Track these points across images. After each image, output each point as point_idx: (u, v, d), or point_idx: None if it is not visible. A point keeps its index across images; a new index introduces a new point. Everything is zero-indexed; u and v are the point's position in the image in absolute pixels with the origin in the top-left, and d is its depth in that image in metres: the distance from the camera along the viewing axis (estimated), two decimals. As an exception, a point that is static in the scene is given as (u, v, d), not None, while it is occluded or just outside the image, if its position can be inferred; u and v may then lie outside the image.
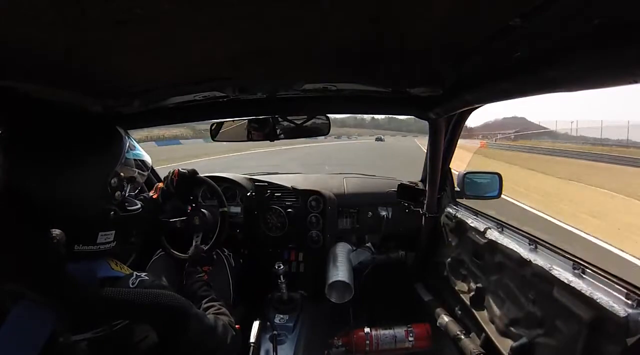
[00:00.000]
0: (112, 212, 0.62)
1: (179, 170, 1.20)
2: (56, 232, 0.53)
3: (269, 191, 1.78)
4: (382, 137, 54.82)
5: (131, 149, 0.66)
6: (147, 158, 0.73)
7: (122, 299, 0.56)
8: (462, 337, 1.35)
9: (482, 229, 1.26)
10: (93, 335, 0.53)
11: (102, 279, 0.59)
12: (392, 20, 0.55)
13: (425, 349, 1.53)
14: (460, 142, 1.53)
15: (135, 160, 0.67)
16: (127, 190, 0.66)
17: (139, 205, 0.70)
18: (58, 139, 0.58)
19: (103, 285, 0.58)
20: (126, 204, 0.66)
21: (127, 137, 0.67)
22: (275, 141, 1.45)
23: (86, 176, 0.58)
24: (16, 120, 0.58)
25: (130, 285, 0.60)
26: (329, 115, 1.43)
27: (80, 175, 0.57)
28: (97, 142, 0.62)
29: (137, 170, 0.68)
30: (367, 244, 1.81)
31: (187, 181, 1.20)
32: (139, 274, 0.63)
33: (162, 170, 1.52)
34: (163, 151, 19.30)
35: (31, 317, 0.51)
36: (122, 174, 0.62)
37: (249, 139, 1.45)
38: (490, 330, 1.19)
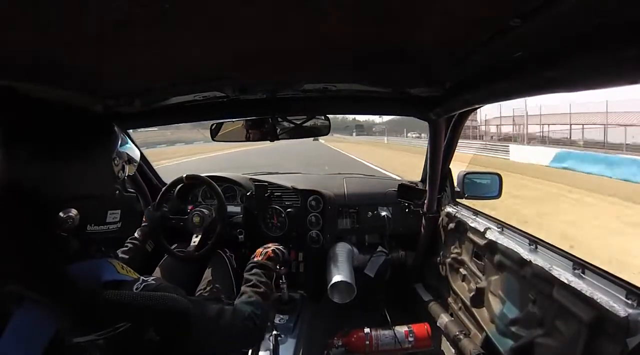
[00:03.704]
0: (117, 192, 0.66)
1: (139, 231, 1.41)
2: (74, 212, 0.56)
3: (269, 191, 1.77)
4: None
5: (122, 140, 0.72)
6: (136, 149, 0.79)
7: (123, 302, 0.55)
8: (462, 337, 1.35)
9: (482, 229, 1.26)
10: (96, 338, 0.52)
11: (106, 282, 0.59)
12: (392, 21, 0.55)
13: (425, 349, 1.53)
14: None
15: (127, 148, 0.72)
16: (127, 172, 0.71)
17: (134, 192, 0.76)
18: (60, 135, 0.59)
19: (106, 289, 0.58)
20: (126, 186, 0.71)
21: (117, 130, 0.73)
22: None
23: (94, 160, 0.63)
24: (16, 120, 0.58)
25: (134, 290, 0.60)
26: (328, 115, 1.43)
27: (89, 161, 0.62)
28: (97, 130, 0.67)
29: (129, 156, 0.73)
30: (378, 249, 1.80)
31: (148, 232, 1.43)
32: (145, 278, 0.63)
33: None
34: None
35: (34, 319, 0.51)
36: (119, 157, 0.68)
37: (248, 139, 1.44)
38: (490, 330, 1.19)
